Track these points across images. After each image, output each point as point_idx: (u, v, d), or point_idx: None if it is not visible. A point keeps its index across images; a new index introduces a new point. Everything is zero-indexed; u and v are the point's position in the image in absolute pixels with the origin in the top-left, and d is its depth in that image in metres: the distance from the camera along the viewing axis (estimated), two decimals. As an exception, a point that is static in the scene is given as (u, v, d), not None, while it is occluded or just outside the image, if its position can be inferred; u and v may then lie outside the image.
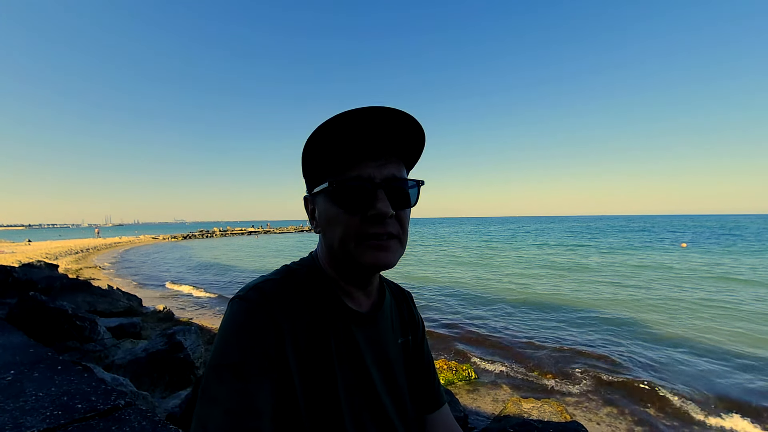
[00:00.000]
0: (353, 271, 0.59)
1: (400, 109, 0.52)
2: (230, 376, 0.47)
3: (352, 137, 0.54)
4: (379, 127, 0.54)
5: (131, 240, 42.88)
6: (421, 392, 0.73)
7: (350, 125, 0.52)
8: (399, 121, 0.54)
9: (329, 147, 0.55)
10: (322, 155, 0.57)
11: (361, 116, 0.51)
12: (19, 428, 1.28)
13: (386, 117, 0.53)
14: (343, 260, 0.58)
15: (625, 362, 5.49)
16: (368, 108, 0.51)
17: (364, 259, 0.55)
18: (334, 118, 0.52)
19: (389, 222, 0.56)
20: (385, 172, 0.56)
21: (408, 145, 0.58)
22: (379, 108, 0.51)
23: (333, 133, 0.53)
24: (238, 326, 0.51)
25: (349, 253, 0.56)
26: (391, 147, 0.57)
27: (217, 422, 0.45)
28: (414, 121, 0.54)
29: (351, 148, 0.55)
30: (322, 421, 0.52)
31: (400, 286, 0.80)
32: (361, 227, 0.55)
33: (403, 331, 0.71)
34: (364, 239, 0.55)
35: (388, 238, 0.56)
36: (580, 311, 8.48)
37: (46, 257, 17.73)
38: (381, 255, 0.56)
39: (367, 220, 0.55)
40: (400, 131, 0.56)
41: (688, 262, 16.85)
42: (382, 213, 0.54)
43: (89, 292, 6.80)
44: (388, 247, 0.56)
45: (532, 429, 1.94)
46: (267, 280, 0.57)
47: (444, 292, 10.89)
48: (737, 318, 7.80)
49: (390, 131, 0.55)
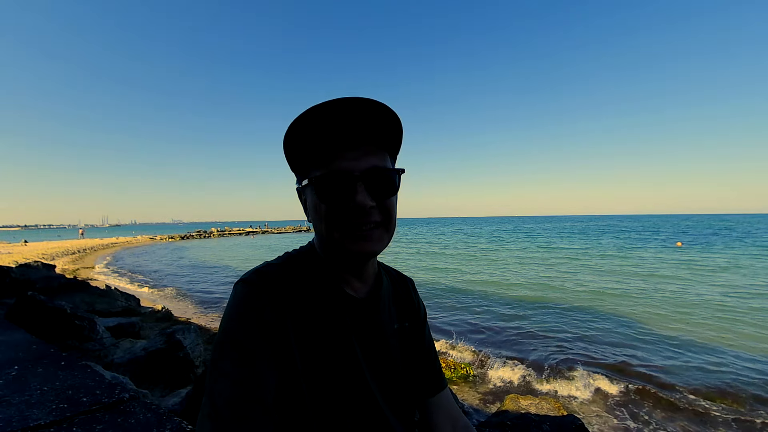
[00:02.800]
0: (342, 259, 0.62)
1: (372, 98, 0.54)
2: (235, 352, 0.50)
3: (328, 129, 0.55)
4: (354, 117, 0.55)
5: (129, 240, 42.65)
6: (422, 376, 0.75)
7: (325, 117, 0.54)
8: (373, 110, 0.55)
9: (306, 140, 0.57)
10: (301, 149, 0.59)
11: (335, 108, 0.53)
12: (26, 421, 1.30)
13: (359, 107, 0.54)
14: (332, 249, 0.61)
15: (624, 360, 5.54)
16: (340, 99, 0.53)
17: (349, 248, 0.58)
18: (308, 112, 0.53)
19: (372, 212, 0.58)
20: (364, 164, 0.57)
21: (387, 134, 0.60)
22: (351, 99, 0.53)
23: (307, 127, 0.55)
24: (241, 307, 0.54)
25: (335, 242, 0.59)
26: (369, 137, 0.58)
27: (224, 393, 0.48)
28: (387, 109, 0.56)
29: (328, 141, 0.56)
30: (323, 397, 0.55)
31: (400, 273, 0.82)
32: (344, 219, 0.57)
33: (400, 317, 0.73)
34: (347, 229, 0.58)
35: (372, 228, 0.58)
36: (580, 310, 8.53)
37: (43, 258, 17.63)
38: (366, 244, 0.58)
39: (349, 212, 0.57)
40: (376, 121, 0.57)
41: (685, 261, 16.97)
42: (362, 205, 0.56)
43: (87, 291, 6.78)
44: (371, 236, 0.59)
45: (530, 422, 1.97)
46: (269, 265, 0.61)
47: (444, 292, 10.93)
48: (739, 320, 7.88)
49: (365, 121, 0.56)
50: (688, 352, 5.83)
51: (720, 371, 5.12)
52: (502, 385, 4.87)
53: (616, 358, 5.58)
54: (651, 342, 6.33)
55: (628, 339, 6.48)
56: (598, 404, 4.33)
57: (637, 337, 6.56)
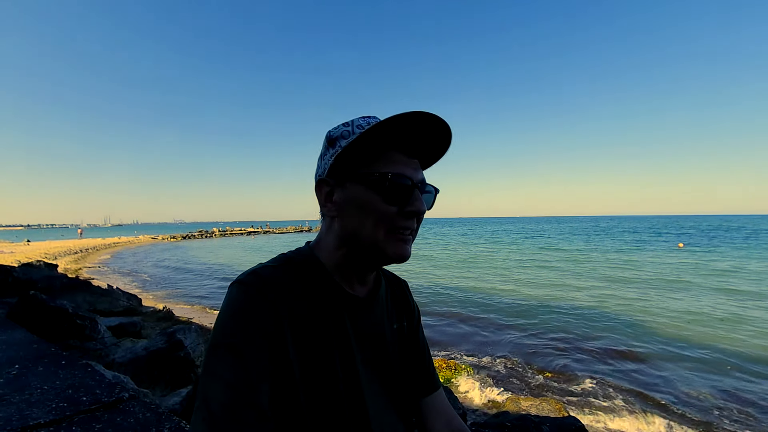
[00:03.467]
0: (373, 258, 0.62)
1: (443, 119, 0.57)
2: (230, 354, 0.49)
3: (406, 138, 0.59)
4: (426, 133, 0.59)
5: (130, 240, 42.79)
6: (417, 376, 0.75)
7: (407, 126, 0.57)
8: (440, 131, 0.59)
9: (382, 141, 0.59)
10: (372, 146, 0.59)
11: (416, 120, 0.56)
12: (26, 420, 1.31)
13: (432, 125, 0.58)
14: (366, 246, 0.60)
15: (625, 361, 5.53)
16: (422, 113, 0.55)
17: (389, 248, 0.59)
18: (398, 117, 0.55)
19: (415, 221, 0.61)
20: (419, 176, 0.61)
21: (433, 155, 0.65)
22: (431, 115, 0.56)
23: (390, 129, 0.57)
24: (236, 308, 0.53)
25: (377, 240, 0.59)
26: (423, 152, 0.63)
27: (218, 396, 0.47)
28: (450, 134, 0.60)
29: (400, 147, 0.60)
30: (320, 400, 0.54)
31: (395, 275, 0.82)
32: (394, 219, 0.59)
33: (398, 317, 0.74)
34: (394, 230, 0.59)
35: (410, 233, 0.61)
36: (582, 312, 8.50)
37: (45, 257, 17.69)
38: (405, 248, 0.61)
39: (403, 214, 0.59)
40: (436, 141, 0.61)
41: (686, 262, 16.90)
42: (419, 210, 0.59)
43: (89, 291, 6.81)
44: (409, 241, 0.61)
45: (529, 423, 1.96)
46: (265, 267, 0.60)
47: (443, 291, 10.92)
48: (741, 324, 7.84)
49: (431, 139, 0.60)
50: (696, 357, 5.81)
51: (722, 374, 5.10)
52: (503, 385, 4.85)
53: (622, 361, 5.57)
54: (658, 345, 6.31)
55: (634, 341, 6.45)
56: (600, 406, 4.31)
57: (643, 339, 6.54)
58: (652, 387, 4.73)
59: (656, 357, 5.69)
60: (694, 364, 5.42)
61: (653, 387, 4.73)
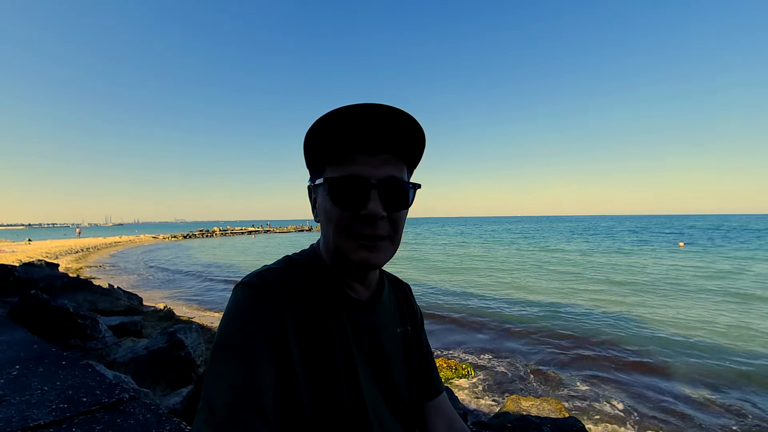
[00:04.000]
0: (344, 266, 0.61)
1: (400, 108, 0.52)
2: (234, 356, 0.49)
3: (352, 132, 0.54)
4: (379, 124, 0.54)
5: (131, 239, 42.86)
6: (420, 380, 0.75)
7: (350, 119, 0.53)
8: (399, 120, 0.54)
9: (328, 140, 0.56)
10: (321, 147, 0.58)
11: (360, 112, 0.52)
12: (26, 421, 1.31)
13: (386, 115, 0.53)
14: (335, 254, 0.60)
15: (625, 363, 5.52)
16: (368, 105, 0.52)
17: (353, 256, 0.57)
18: (335, 112, 0.53)
19: (380, 224, 0.57)
20: (382, 173, 0.56)
21: (409, 146, 0.59)
22: (379, 105, 0.52)
23: (333, 125, 0.54)
24: (241, 310, 0.53)
25: (340, 248, 0.58)
26: (390, 146, 0.57)
27: (222, 396, 0.47)
28: (414, 121, 0.55)
29: (349, 143, 0.55)
30: (322, 402, 0.54)
31: (399, 278, 0.82)
32: (352, 225, 0.56)
33: (402, 321, 0.74)
34: (354, 237, 0.57)
35: (378, 240, 0.57)
36: (580, 311, 8.51)
37: (47, 256, 17.73)
38: (370, 255, 0.57)
39: (359, 219, 0.56)
40: (401, 131, 0.56)
41: (687, 262, 16.89)
42: (373, 213, 0.55)
43: (90, 290, 6.82)
44: (377, 248, 0.58)
45: (530, 424, 1.96)
46: (270, 269, 0.60)
47: (443, 291, 10.92)
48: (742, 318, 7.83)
49: (390, 130, 0.55)
50: (698, 356, 5.81)
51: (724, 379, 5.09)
52: (503, 385, 4.85)
53: (622, 361, 5.57)
54: (652, 345, 6.31)
55: (635, 341, 6.45)
56: (601, 406, 4.30)
57: (643, 339, 6.54)
58: (652, 388, 4.73)
59: (656, 358, 5.68)
60: (695, 366, 5.40)
61: (653, 388, 4.73)
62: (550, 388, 4.78)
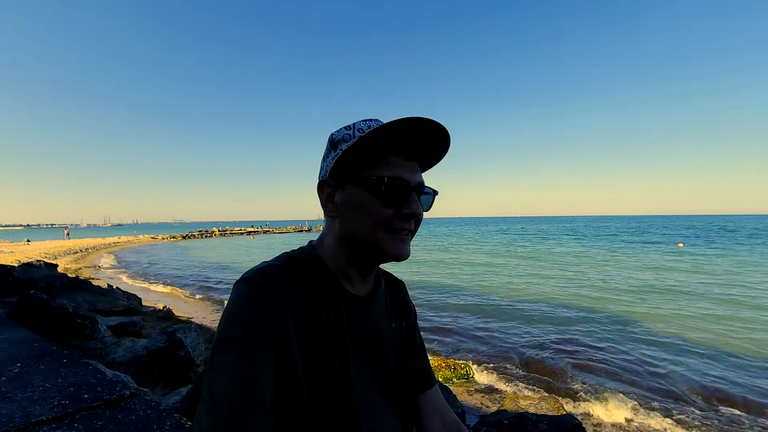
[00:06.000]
0: (372, 256, 0.65)
1: (442, 124, 0.60)
2: (235, 349, 0.51)
3: (405, 142, 0.62)
4: (424, 137, 0.62)
5: (130, 240, 42.79)
6: (414, 374, 0.78)
7: (406, 131, 0.60)
8: (438, 136, 0.62)
9: (381, 145, 0.62)
10: (371, 150, 0.62)
11: (414, 125, 0.59)
12: (28, 417, 1.32)
13: (431, 130, 0.60)
14: (365, 246, 0.63)
15: (624, 362, 5.54)
16: (420, 119, 0.58)
17: (388, 248, 0.62)
18: (396, 122, 0.58)
19: (413, 222, 0.64)
20: (417, 178, 0.65)
21: (432, 158, 0.68)
22: (428, 120, 0.59)
23: (389, 134, 0.60)
24: (242, 305, 0.55)
25: (377, 240, 0.62)
26: (420, 155, 0.66)
27: (223, 388, 0.49)
28: (448, 139, 0.63)
29: (398, 151, 0.63)
30: (320, 395, 0.56)
31: (393, 276, 0.84)
32: (391, 220, 0.62)
33: (397, 317, 0.76)
34: (392, 231, 0.62)
35: (408, 234, 0.64)
36: (579, 311, 8.53)
37: (45, 257, 17.71)
38: (403, 248, 0.64)
39: (400, 215, 0.62)
40: (435, 144, 0.64)
41: (686, 262, 16.94)
42: (415, 213, 0.62)
43: (89, 291, 6.82)
44: (407, 241, 0.65)
45: (527, 421, 1.98)
46: (270, 265, 0.62)
47: (441, 291, 10.94)
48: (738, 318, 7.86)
49: (429, 142, 0.63)
50: (697, 356, 5.84)
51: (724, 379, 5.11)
52: (502, 384, 4.87)
53: (622, 361, 5.59)
54: (651, 345, 6.34)
55: (634, 341, 6.48)
56: (599, 405, 4.32)
57: (643, 339, 6.57)
58: (652, 388, 4.75)
59: (656, 359, 5.70)
60: (696, 367, 5.42)
61: (653, 388, 4.75)
62: (548, 387, 4.80)
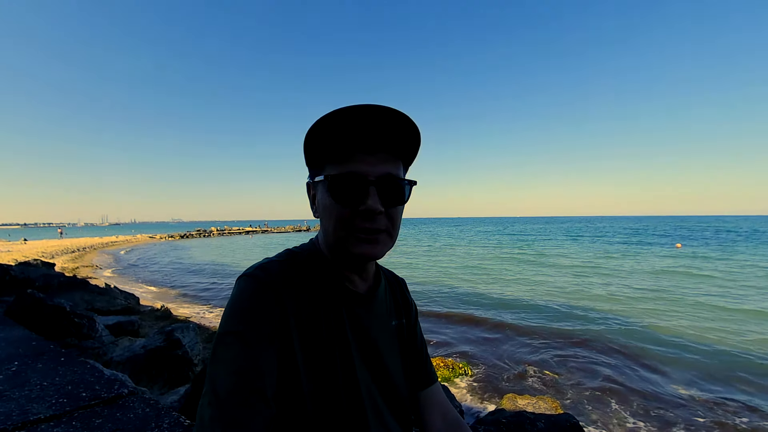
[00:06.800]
0: (344, 258, 0.64)
1: (396, 108, 0.56)
2: (237, 342, 0.52)
3: (351, 132, 0.57)
4: (377, 124, 0.57)
5: (128, 239, 42.65)
6: (415, 371, 0.78)
7: (349, 120, 0.56)
8: (395, 120, 0.57)
9: (328, 138, 0.59)
10: (322, 146, 0.61)
11: (360, 112, 0.55)
12: (26, 415, 1.32)
13: (383, 115, 0.56)
14: (335, 247, 0.63)
15: (624, 363, 5.55)
16: (367, 105, 0.55)
17: (353, 249, 0.60)
18: (336, 112, 0.56)
19: (378, 218, 0.59)
20: (379, 170, 0.59)
21: (404, 144, 0.62)
22: (377, 106, 0.55)
23: (333, 125, 0.57)
24: (244, 299, 0.55)
25: (340, 241, 0.61)
26: (387, 145, 0.60)
27: (225, 380, 0.49)
28: (409, 120, 0.58)
29: (348, 142, 0.58)
30: (320, 390, 0.57)
31: (394, 273, 0.85)
32: (352, 220, 0.59)
33: (397, 314, 0.76)
34: (354, 231, 0.59)
35: (377, 233, 0.60)
36: (579, 311, 8.55)
37: (43, 256, 17.63)
38: (369, 247, 0.60)
39: (358, 214, 0.58)
40: (397, 130, 0.59)
41: (685, 262, 17.01)
42: (372, 209, 0.57)
43: (87, 290, 6.80)
44: (376, 240, 0.60)
45: (524, 420, 1.99)
46: (271, 261, 0.62)
47: (441, 290, 10.95)
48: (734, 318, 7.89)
49: (387, 129, 0.58)
50: (690, 356, 5.86)
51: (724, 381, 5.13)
52: (500, 384, 4.88)
53: (621, 360, 5.62)
54: (651, 345, 6.36)
55: (634, 340, 6.50)
56: (597, 404, 4.34)
57: (643, 338, 6.60)
58: (650, 388, 4.76)
59: (656, 359, 5.71)
60: (696, 367, 5.43)
61: (651, 388, 4.76)
62: (546, 386, 4.81)
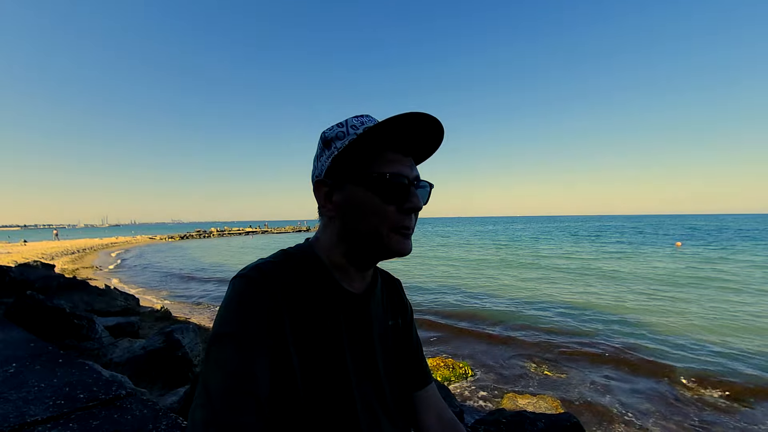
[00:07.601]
0: (376, 254, 0.64)
1: (436, 118, 0.59)
2: (231, 344, 0.51)
3: (401, 138, 0.62)
4: (419, 132, 0.62)
5: (128, 240, 42.65)
6: (410, 371, 0.77)
7: (402, 127, 0.59)
8: (433, 129, 0.62)
9: (378, 141, 0.61)
10: (369, 147, 0.62)
11: (410, 120, 0.58)
12: (23, 417, 1.31)
13: (426, 124, 0.60)
14: (369, 244, 0.63)
15: (623, 362, 5.55)
16: (416, 114, 0.57)
17: (393, 245, 0.62)
18: (391, 119, 0.58)
19: (413, 217, 0.64)
20: (414, 173, 0.64)
21: (426, 151, 0.68)
22: (423, 115, 0.58)
23: (385, 131, 0.60)
24: (238, 300, 0.55)
25: (381, 238, 0.62)
26: (415, 150, 0.65)
27: (218, 383, 0.49)
28: (442, 132, 0.64)
29: (395, 147, 0.62)
30: (315, 391, 0.56)
31: (389, 273, 0.84)
32: (394, 217, 0.61)
33: (393, 314, 0.76)
34: (396, 229, 0.62)
35: (412, 230, 0.64)
36: (579, 311, 8.56)
37: (42, 257, 17.63)
38: (406, 243, 0.64)
39: (402, 211, 0.61)
40: (429, 138, 0.64)
41: (684, 262, 17.02)
42: (417, 207, 0.62)
43: (86, 291, 6.79)
44: (409, 236, 0.64)
45: (524, 419, 1.98)
46: (266, 262, 0.62)
47: (440, 290, 10.95)
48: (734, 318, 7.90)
49: (424, 137, 0.63)
50: (689, 356, 5.86)
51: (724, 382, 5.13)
52: (500, 384, 4.88)
53: (621, 360, 5.62)
54: (650, 344, 6.37)
55: (633, 340, 6.51)
56: (597, 404, 4.33)
57: (642, 337, 6.61)
58: (650, 387, 4.76)
59: (657, 359, 5.72)
60: (698, 367, 5.42)
61: (651, 387, 4.76)
62: (547, 386, 4.81)
